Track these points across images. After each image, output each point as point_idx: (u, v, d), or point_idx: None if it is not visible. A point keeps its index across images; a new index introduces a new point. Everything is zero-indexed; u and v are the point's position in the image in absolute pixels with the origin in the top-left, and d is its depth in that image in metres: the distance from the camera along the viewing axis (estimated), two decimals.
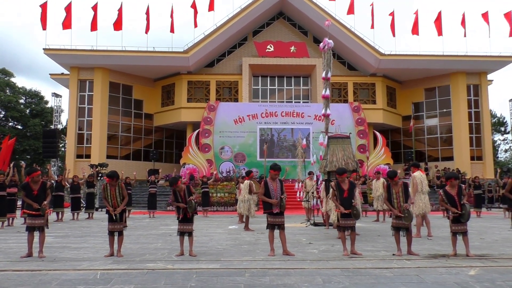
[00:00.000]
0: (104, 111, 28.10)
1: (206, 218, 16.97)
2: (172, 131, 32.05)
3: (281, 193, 7.53)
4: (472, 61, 28.65)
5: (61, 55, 27.08)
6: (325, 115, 13.23)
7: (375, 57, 28.65)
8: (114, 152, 28.63)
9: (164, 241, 9.65)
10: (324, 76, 13.45)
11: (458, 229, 7.34)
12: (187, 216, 7.60)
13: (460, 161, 28.59)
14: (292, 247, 8.17)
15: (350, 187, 7.66)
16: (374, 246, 8.61)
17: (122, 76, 29.23)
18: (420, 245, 8.75)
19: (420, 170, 10.68)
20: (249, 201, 12.51)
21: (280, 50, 29.47)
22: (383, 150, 27.53)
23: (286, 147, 27.56)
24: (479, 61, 28.71)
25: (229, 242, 9.33)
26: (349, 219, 7.52)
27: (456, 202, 7.31)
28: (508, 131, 43.75)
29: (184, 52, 27.89)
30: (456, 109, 29.49)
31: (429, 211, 10.64)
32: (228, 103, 28.60)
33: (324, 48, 13.51)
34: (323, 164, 12.25)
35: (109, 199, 7.49)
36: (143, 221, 15.46)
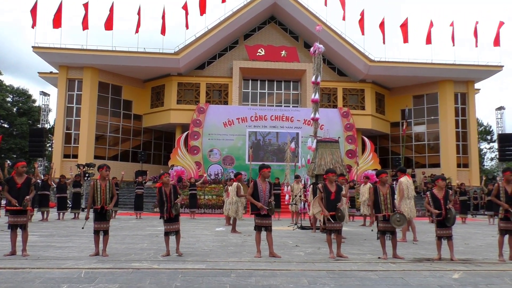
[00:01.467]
0: (93, 111, 27.89)
1: (193, 220, 16.91)
2: (161, 133, 31.91)
3: (269, 196, 7.53)
4: (460, 70, 29.05)
5: (50, 54, 26.84)
6: (314, 119, 13.29)
7: (364, 63, 28.89)
8: (101, 153, 28.41)
9: (150, 241, 9.59)
10: (314, 80, 13.52)
11: (443, 234, 7.41)
12: (171, 216, 7.54)
13: (447, 168, 28.90)
14: (279, 249, 8.17)
15: (337, 190, 7.68)
16: (360, 250, 8.64)
17: (111, 76, 29.05)
18: (405, 249, 8.81)
19: (406, 176, 10.76)
20: (237, 203, 12.50)
21: (271, 54, 29.57)
22: (371, 156, 27.76)
23: (271, 151, 27.61)
24: (466, 70, 29.13)
25: (216, 244, 9.30)
26: (335, 222, 7.54)
27: (442, 206, 7.38)
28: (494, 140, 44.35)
29: (175, 54, 27.83)
30: (444, 117, 29.83)
31: (414, 216, 10.73)
32: (218, 106, 28.58)
33: (315, 53, 13.58)
34: (311, 168, 12.29)
35: (99, 194, 7.40)
36: (130, 222, 15.35)
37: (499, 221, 7.59)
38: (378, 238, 7.64)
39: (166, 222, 7.58)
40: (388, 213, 7.48)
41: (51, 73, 31.04)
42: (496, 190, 7.55)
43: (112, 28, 27.52)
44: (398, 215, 7.38)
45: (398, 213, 7.40)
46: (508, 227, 7.43)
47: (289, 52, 29.80)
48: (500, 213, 7.51)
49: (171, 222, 7.56)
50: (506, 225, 7.44)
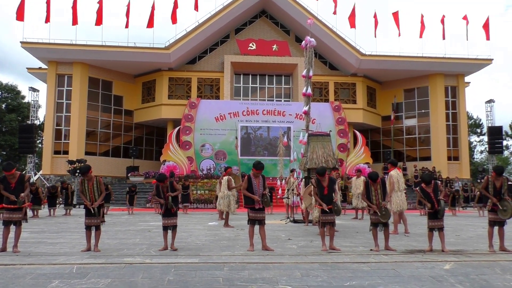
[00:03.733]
0: (83, 107, 27.67)
1: (186, 215, 16.90)
2: (152, 128, 31.77)
3: (264, 189, 7.54)
4: (450, 63, 29.22)
5: (39, 49, 26.55)
6: (306, 112, 13.30)
7: (356, 57, 28.93)
8: (92, 149, 28.22)
9: (142, 236, 9.56)
10: (305, 74, 13.51)
11: (435, 225, 7.50)
12: (171, 210, 7.57)
13: (438, 161, 29.11)
14: (272, 243, 8.18)
15: (329, 184, 7.70)
16: (352, 242, 8.70)
17: (101, 71, 28.82)
18: (397, 241, 8.87)
19: (397, 169, 10.82)
20: (228, 197, 12.50)
21: (262, 49, 29.51)
22: (363, 149, 27.88)
23: (262, 145, 27.61)
24: (457, 63, 29.30)
25: (209, 238, 9.30)
26: (329, 215, 7.59)
27: (433, 199, 7.47)
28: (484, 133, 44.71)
29: (166, 49, 27.66)
30: (434, 110, 30.00)
31: (405, 209, 10.81)
32: (210, 101, 28.50)
33: (306, 46, 13.57)
34: (303, 162, 12.31)
35: (87, 193, 7.39)
36: (122, 218, 15.31)
37: (488, 213, 7.72)
38: (371, 230, 7.69)
39: (164, 217, 7.60)
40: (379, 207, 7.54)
41: (40, 68, 30.69)
42: (486, 183, 7.67)
43: (101, 23, 27.25)
44: (383, 208, 7.46)
45: (383, 207, 7.47)
46: (496, 218, 7.56)
47: (280, 46, 29.76)
48: (488, 205, 7.69)
49: (169, 216, 7.58)
50: (494, 216, 7.57)
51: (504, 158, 44.24)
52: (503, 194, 7.45)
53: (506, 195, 7.45)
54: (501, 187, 7.51)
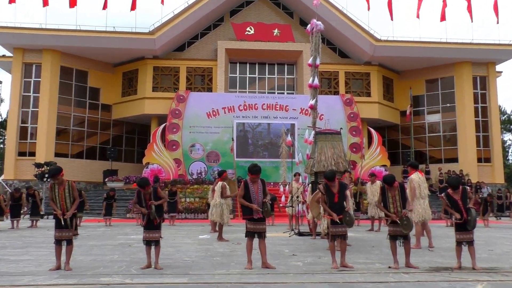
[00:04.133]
0: (54, 101, 27.58)
1: (173, 226, 16.84)
2: (133, 126, 31.70)
3: (264, 196, 7.47)
4: (479, 50, 29.22)
5: (2, 34, 26.48)
6: (312, 107, 13.23)
7: (370, 43, 28.92)
8: (64, 149, 28.13)
9: (121, 252, 9.49)
10: (312, 62, 13.45)
11: (464, 238, 7.42)
12: (154, 223, 7.47)
13: (465, 163, 29.09)
14: (273, 259, 8.12)
15: (340, 190, 7.64)
16: (367, 258, 8.64)
17: (76, 60, 28.75)
18: (420, 256, 8.82)
19: (418, 172, 10.75)
20: (221, 206, 12.43)
21: (262, 33, 29.47)
22: (379, 150, 27.84)
23: (262, 145, 27.57)
24: (486, 50, 29.32)
25: (199, 254, 9.24)
26: (340, 227, 7.52)
27: (461, 207, 7.39)
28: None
29: (150, 34, 27.61)
30: (461, 104, 29.99)
31: (429, 219, 10.74)
32: (201, 94, 28.45)
33: (312, 31, 13.50)
34: (309, 164, 12.23)
35: (57, 200, 7.29)
36: (98, 230, 15.25)
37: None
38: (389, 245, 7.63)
39: (145, 230, 7.52)
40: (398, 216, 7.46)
41: (3, 56, 30.61)
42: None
43: (76, 4, 27.21)
44: (404, 217, 7.37)
45: (404, 216, 7.38)
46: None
47: (282, 30, 29.71)
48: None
49: (151, 229, 7.49)
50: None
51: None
52: None
53: None
54: None
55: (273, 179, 25.11)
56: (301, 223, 15.18)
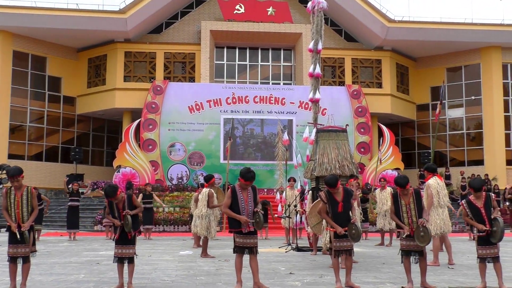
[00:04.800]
0: (5, 92, 27.45)
1: (149, 240, 16.88)
2: (102, 122, 31.66)
3: (255, 205, 7.53)
4: (511, 32, 29.39)
5: None
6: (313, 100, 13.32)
7: (381, 24, 29.03)
8: (19, 150, 28.06)
9: (89, 271, 9.54)
10: (313, 47, 13.53)
11: (487, 254, 7.47)
12: (127, 236, 7.50)
13: (493, 165, 29.28)
14: (267, 279, 8.21)
15: (345, 198, 7.70)
16: (376, 277, 8.75)
17: (31, 43, 28.65)
18: (438, 275, 8.93)
19: (437, 176, 10.85)
20: (208, 217, 12.48)
21: (254, 12, 29.51)
22: (391, 150, 27.95)
23: (254, 145, 27.65)
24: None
25: (180, 273, 9.30)
26: (345, 241, 7.59)
27: (484, 216, 7.45)
28: None
29: (120, 12, 27.58)
30: (489, 97, 30.19)
31: (449, 231, 10.85)
32: (182, 84, 28.52)
33: (314, 9, 13.59)
34: (310, 167, 12.32)
35: (12, 209, 7.28)
36: (60, 245, 15.25)
37: None
38: (402, 262, 7.72)
39: (117, 244, 7.54)
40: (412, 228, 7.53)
41: None
42: None
43: None
44: (421, 228, 7.42)
45: (421, 225, 7.44)
46: None
47: (278, 9, 29.77)
48: None
49: (124, 244, 7.51)
50: None
51: None
52: None
53: None
54: None
55: (267, 185, 25.24)
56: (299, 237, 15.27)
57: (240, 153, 27.36)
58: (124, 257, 7.51)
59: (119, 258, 7.52)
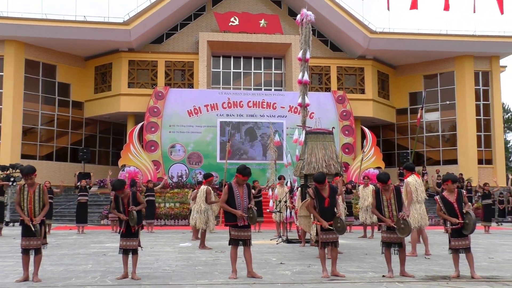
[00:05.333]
0: (18, 98, 27.35)
1: (152, 233, 16.84)
2: (108, 125, 31.58)
3: (249, 201, 7.55)
4: (482, 43, 29.57)
5: None
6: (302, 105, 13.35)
7: (364, 35, 29.12)
8: (31, 151, 27.95)
9: (96, 262, 9.50)
10: (301, 56, 13.55)
11: (459, 245, 7.51)
12: (131, 230, 7.50)
13: (466, 165, 29.43)
14: (259, 268, 8.20)
15: (331, 194, 7.72)
16: (360, 267, 8.76)
17: (42, 52, 28.55)
18: (416, 265, 8.96)
19: (415, 174, 10.90)
20: (206, 212, 12.47)
21: (247, 24, 29.52)
22: (373, 151, 28.04)
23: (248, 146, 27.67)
24: (489, 43, 29.69)
25: (180, 263, 9.29)
26: (330, 233, 7.60)
27: (456, 211, 7.51)
28: None
29: (124, 24, 27.53)
30: (462, 102, 30.32)
31: (426, 224, 10.90)
32: (181, 90, 28.46)
33: (302, 21, 13.60)
34: (299, 166, 12.34)
35: (25, 204, 7.27)
36: (69, 238, 15.18)
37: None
38: (382, 252, 7.75)
39: (122, 237, 7.54)
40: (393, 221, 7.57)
41: None
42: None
43: None
44: (402, 220, 7.48)
45: (402, 218, 7.49)
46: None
47: (269, 21, 29.79)
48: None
49: (129, 237, 7.52)
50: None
51: None
52: None
53: None
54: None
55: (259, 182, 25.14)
56: (289, 230, 15.28)
57: (235, 153, 27.34)
58: (129, 249, 7.52)
59: (124, 250, 7.52)
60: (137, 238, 7.60)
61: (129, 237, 7.53)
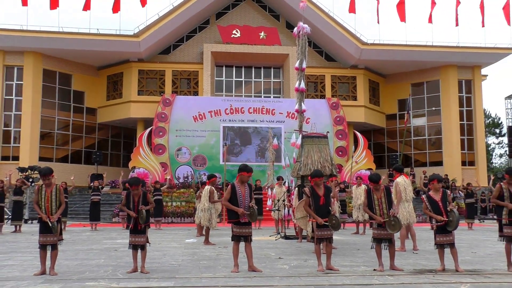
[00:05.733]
0: (37, 104, 27.37)
1: (159, 230, 16.83)
2: (119, 129, 31.56)
3: (250, 200, 7.55)
4: (465, 53, 29.59)
5: None
6: (299, 111, 13.34)
7: (356, 46, 29.15)
8: (48, 153, 27.93)
9: (107, 256, 9.49)
10: (298, 66, 13.55)
11: (444, 241, 7.52)
12: (138, 227, 7.49)
13: (450, 166, 29.42)
14: (259, 263, 8.19)
15: (326, 193, 7.72)
16: (353, 261, 8.75)
17: (59, 62, 28.57)
18: (404, 259, 8.95)
19: (403, 175, 10.91)
20: (210, 210, 12.47)
21: (248, 36, 29.54)
22: (365, 153, 28.03)
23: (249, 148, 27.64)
24: (472, 53, 29.70)
25: (186, 258, 9.27)
26: (325, 230, 7.60)
27: (441, 209, 7.52)
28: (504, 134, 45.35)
29: (135, 36, 27.55)
30: (447, 108, 30.34)
31: (414, 221, 10.90)
32: (187, 97, 28.44)
33: (299, 34, 13.62)
34: (296, 168, 12.34)
35: (43, 203, 7.27)
36: (83, 235, 15.17)
37: (504, 227, 7.57)
38: (373, 248, 7.74)
39: (131, 233, 7.53)
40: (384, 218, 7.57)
41: None
42: (498, 191, 7.63)
43: (58, 5, 27.04)
44: (392, 217, 7.48)
45: (392, 216, 7.50)
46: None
47: (269, 33, 29.82)
48: (504, 218, 7.52)
49: (137, 234, 7.51)
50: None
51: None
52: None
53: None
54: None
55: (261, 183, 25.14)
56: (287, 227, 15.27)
57: (237, 155, 27.34)
58: (137, 245, 7.51)
59: (133, 246, 7.52)
60: (145, 234, 7.59)
61: (138, 233, 7.52)
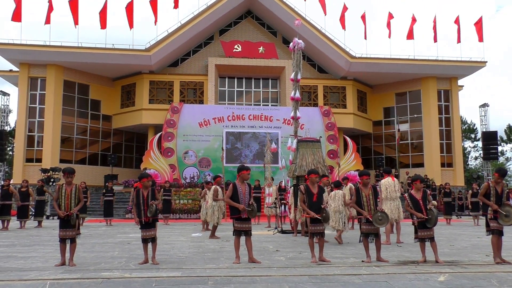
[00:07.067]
0: (58, 112, 27.36)
1: (167, 226, 16.80)
2: (132, 134, 31.56)
3: (249, 198, 7.55)
4: (443, 66, 29.64)
5: (9, 50, 26.20)
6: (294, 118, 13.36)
7: (345, 59, 29.18)
8: (68, 156, 27.90)
9: (121, 249, 9.46)
10: (293, 77, 13.60)
11: (425, 235, 7.53)
12: (146, 220, 7.45)
13: (431, 167, 29.43)
14: (259, 255, 8.17)
15: (319, 191, 7.73)
16: (343, 253, 8.73)
17: (77, 74, 28.58)
18: (389, 251, 8.93)
19: (390, 176, 10.89)
20: (213, 208, 12.44)
21: (248, 51, 29.58)
22: (354, 156, 28.03)
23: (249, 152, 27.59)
24: (450, 66, 29.73)
25: (192, 250, 9.25)
26: (318, 225, 7.59)
27: (421, 207, 7.53)
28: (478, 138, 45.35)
29: (146, 50, 27.57)
30: (427, 115, 30.37)
31: (401, 218, 10.85)
32: (193, 105, 28.44)
33: (294, 48, 13.65)
34: (292, 169, 12.35)
35: (63, 200, 7.27)
36: (99, 229, 15.14)
37: (490, 222, 7.49)
38: (361, 241, 7.72)
39: (142, 228, 7.51)
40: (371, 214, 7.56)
41: (11, 71, 30.33)
42: (485, 189, 7.60)
43: (77, 23, 27.07)
44: (380, 213, 7.48)
45: (380, 211, 7.50)
46: (499, 226, 7.40)
47: (267, 48, 29.86)
48: (490, 214, 7.48)
49: (148, 228, 7.48)
50: (498, 224, 7.38)
51: (499, 165, 44.90)
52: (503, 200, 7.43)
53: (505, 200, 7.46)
54: (502, 192, 7.46)
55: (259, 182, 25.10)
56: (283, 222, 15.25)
57: (238, 158, 27.32)
58: (148, 238, 7.48)
59: (144, 239, 7.49)
60: (154, 228, 7.56)
61: (148, 228, 7.49)
